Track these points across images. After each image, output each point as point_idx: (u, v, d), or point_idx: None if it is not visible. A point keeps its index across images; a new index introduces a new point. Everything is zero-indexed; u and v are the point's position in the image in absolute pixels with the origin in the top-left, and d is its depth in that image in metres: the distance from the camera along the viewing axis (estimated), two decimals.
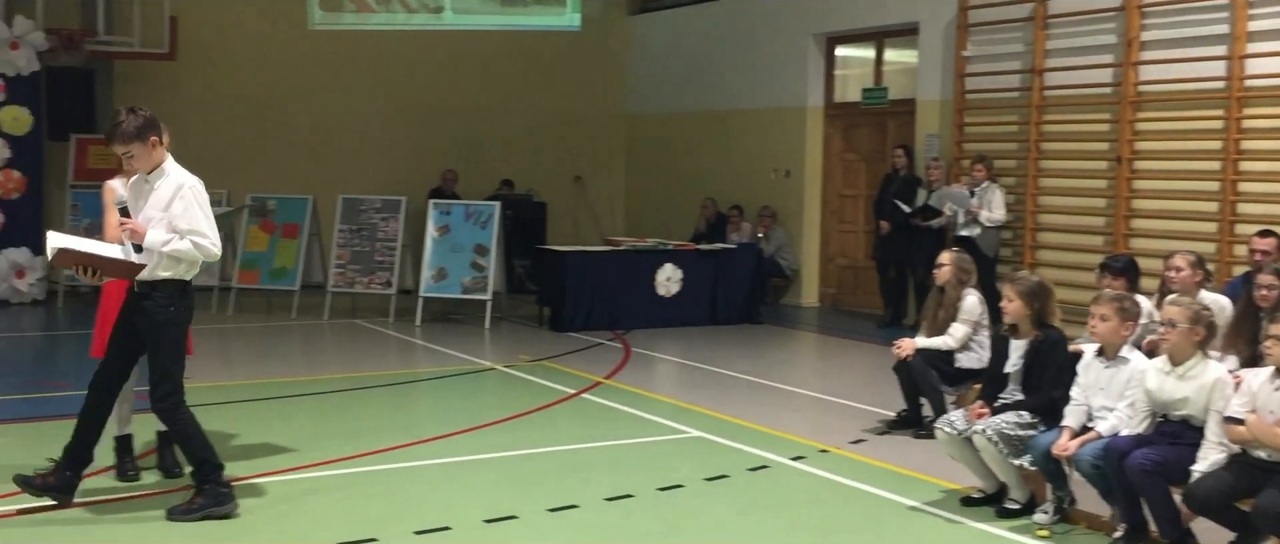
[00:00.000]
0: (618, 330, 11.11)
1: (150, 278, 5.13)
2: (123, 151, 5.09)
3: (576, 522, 5.27)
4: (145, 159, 5.12)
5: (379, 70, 14.75)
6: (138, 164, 5.12)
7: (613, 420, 7.41)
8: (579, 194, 16.26)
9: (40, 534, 4.95)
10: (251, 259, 12.04)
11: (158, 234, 5.09)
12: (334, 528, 5.05)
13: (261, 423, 7.01)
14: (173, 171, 5.21)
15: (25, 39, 11.80)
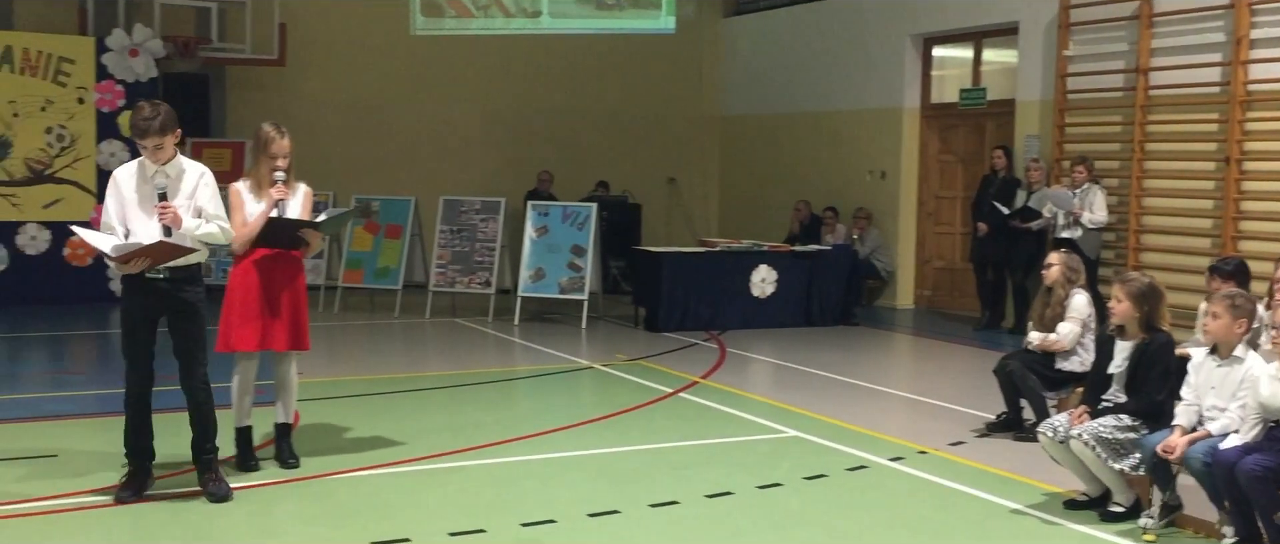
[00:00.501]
0: (712, 331, 11.19)
1: (184, 263, 5.31)
2: (155, 144, 5.21)
3: (678, 518, 5.35)
4: (169, 151, 5.29)
5: (478, 73, 15.03)
6: (163, 156, 5.27)
7: (710, 419, 7.48)
8: (673, 196, 16.37)
9: (157, 522, 5.18)
10: (356, 258, 12.38)
11: (190, 220, 5.30)
12: (441, 519, 5.21)
13: (367, 418, 7.22)
14: (186, 162, 5.41)
15: (144, 46, 12.29)
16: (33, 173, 11.99)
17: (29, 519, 5.11)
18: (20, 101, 11.89)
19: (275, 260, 5.85)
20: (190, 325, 5.40)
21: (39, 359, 9.59)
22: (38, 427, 6.84)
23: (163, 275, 5.30)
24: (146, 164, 5.30)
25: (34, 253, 11.99)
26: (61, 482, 5.61)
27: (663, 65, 16.00)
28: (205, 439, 5.49)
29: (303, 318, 5.95)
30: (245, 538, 4.97)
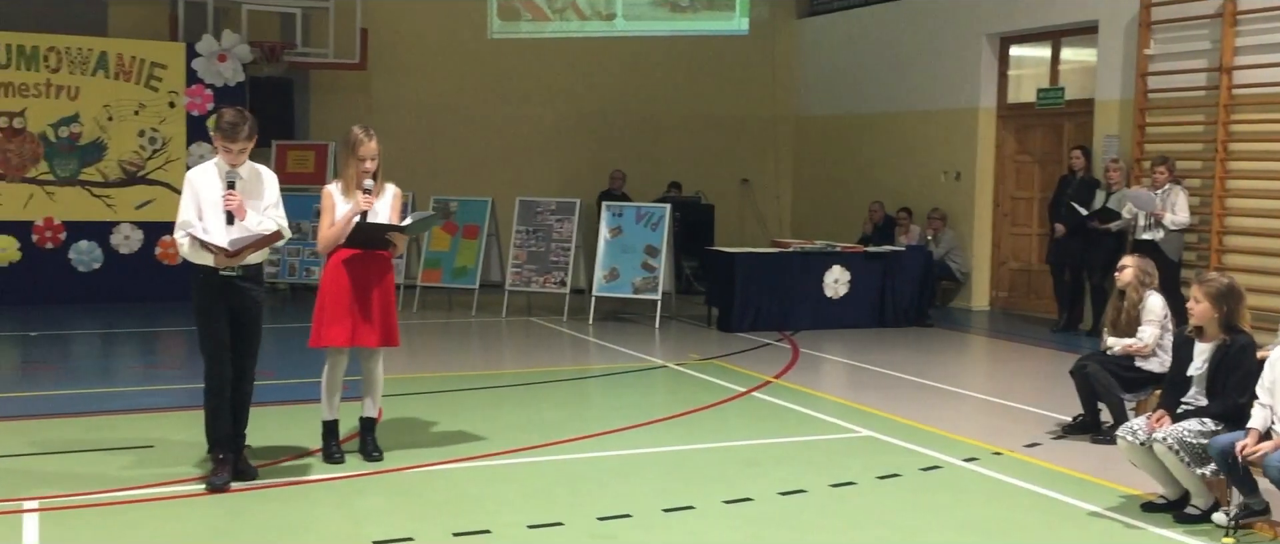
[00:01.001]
0: (785, 331, 11.22)
1: (251, 262, 5.58)
2: (239, 148, 5.50)
3: (752, 514, 5.42)
4: (247, 154, 5.58)
5: (553, 76, 15.22)
6: (241, 158, 5.56)
7: (783, 418, 7.54)
8: (746, 196, 16.41)
9: (248, 509, 5.38)
10: (434, 258, 12.62)
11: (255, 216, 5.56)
12: (519, 512, 5.33)
13: (446, 413, 7.39)
14: (257, 166, 5.70)
15: (232, 52, 12.67)
16: (126, 174, 12.42)
17: (131, 506, 5.34)
18: (114, 105, 12.33)
19: (365, 260, 6.04)
20: (253, 321, 5.68)
21: (133, 354, 9.95)
22: (134, 418, 7.12)
23: (236, 272, 5.55)
24: (221, 165, 5.56)
25: (127, 252, 12.43)
26: (158, 470, 5.85)
27: (736, 66, 16.05)
28: (240, 426, 5.77)
29: (392, 315, 6.13)
30: (333, 528, 5.14)
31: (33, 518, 5.07)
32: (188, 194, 5.58)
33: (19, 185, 12.02)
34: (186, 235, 5.48)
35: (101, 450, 6.27)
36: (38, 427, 6.86)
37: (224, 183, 5.54)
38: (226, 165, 5.54)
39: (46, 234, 12.14)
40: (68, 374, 8.85)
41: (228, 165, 5.54)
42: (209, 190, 5.56)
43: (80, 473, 5.83)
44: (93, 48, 12.25)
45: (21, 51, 11.99)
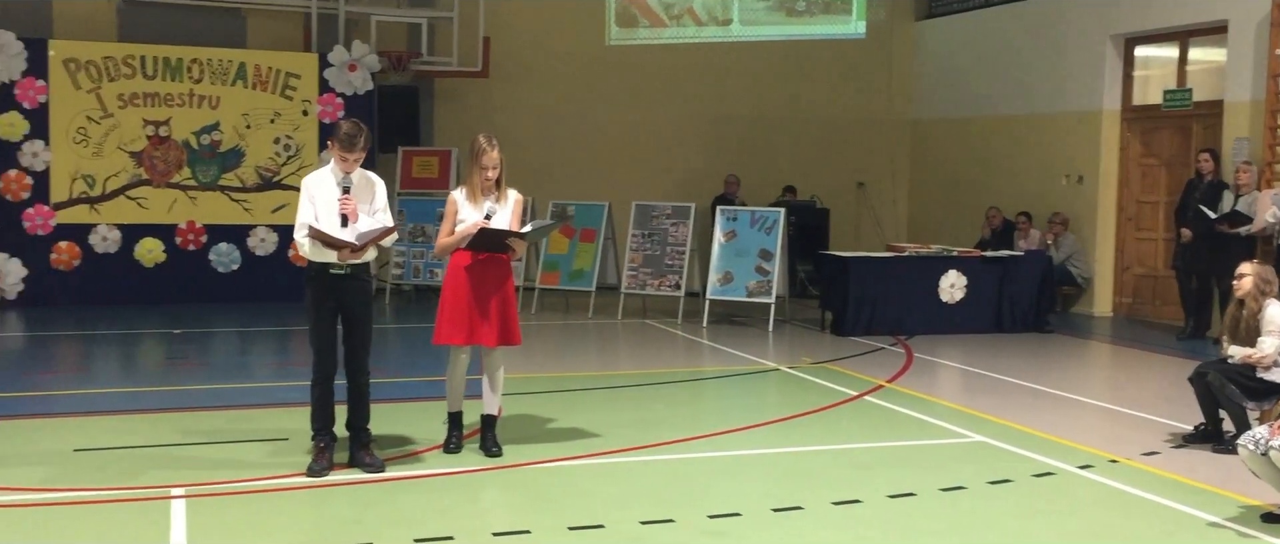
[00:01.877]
0: (900, 336, 11.19)
1: (363, 261, 5.92)
2: (355, 157, 5.88)
3: (860, 515, 5.50)
4: (360, 162, 5.94)
5: (669, 81, 15.41)
6: (355, 166, 5.92)
7: (894, 422, 7.57)
8: (862, 200, 16.35)
9: (370, 500, 5.66)
10: (552, 261, 12.92)
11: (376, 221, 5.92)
12: (632, 508, 5.50)
13: (563, 412, 7.62)
14: (366, 172, 6.03)
15: (362, 62, 13.17)
16: (262, 179, 13.02)
17: (269, 495, 5.67)
18: (252, 114, 12.94)
19: (485, 262, 6.29)
20: (363, 317, 6.01)
21: (268, 351, 10.44)
22: (270, 412, 7.52)
23: (346, 270, 5.87)
24: (335, 171, 5.89)
25: (263, 254, 13.03)
26: (293, 460, 6.18)
27: (852, 70, 16.02)
28: (363, 420, 6.06)
29: (511, 316, 6.37)
30: (453, 519, 5.38)
31: (180, 503, 5.43)
32: (305, 198, 5.94)
33: (164, 190, 12.71)
34: (307, 236, 5.81)
35: (240, 441, 6.66)
36: (182, 418, 7.30)
37: (339, 188, 5.87)
38: (340, 172, 5.87)
39: (189, 236, 12.80)
40: (208, 369, 9.35)
41: (342, 172, 5.88)
42: (324, 195, 5.90)
43: (221, 461, 6.21)
44: (232, 59, 12.88)
45: (167, 63, 12.67)
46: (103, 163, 12.48)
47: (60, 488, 5.62)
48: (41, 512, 5.30)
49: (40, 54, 12.23)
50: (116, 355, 9.94)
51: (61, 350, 10.24)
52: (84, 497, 5.50)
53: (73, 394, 8.28)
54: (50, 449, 6.43)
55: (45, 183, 12.32)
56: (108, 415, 7.41)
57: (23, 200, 12.27)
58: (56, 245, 12.39)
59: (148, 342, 10.56)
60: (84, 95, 12.40)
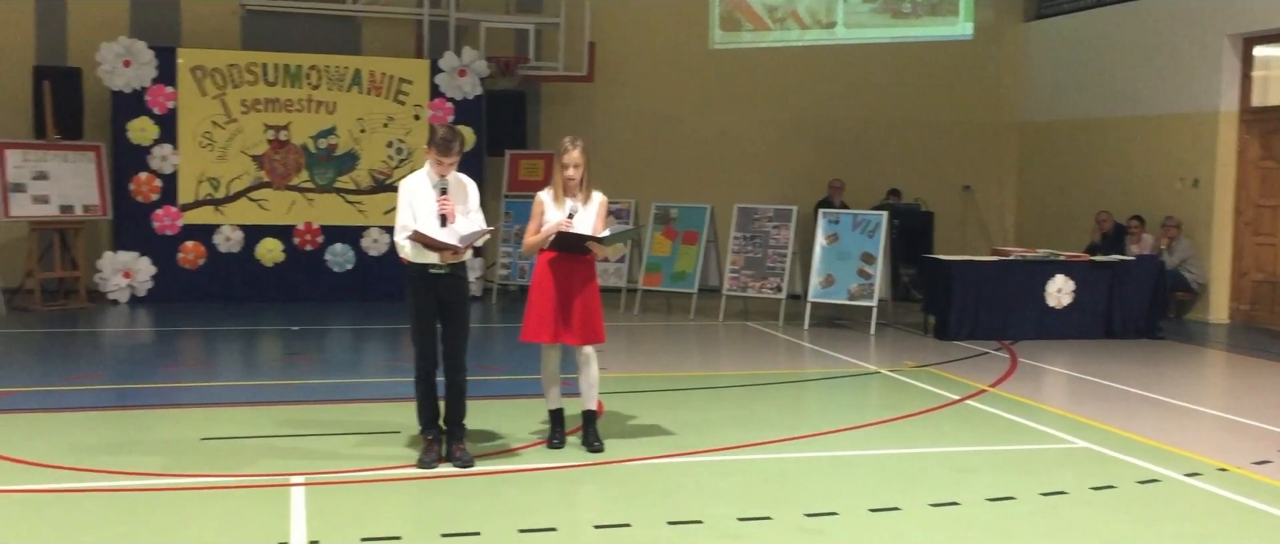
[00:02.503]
0: (1005, 340, 11.07)
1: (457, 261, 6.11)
2: (450, 162, 6.08)
3: (958, 517, 5.51)
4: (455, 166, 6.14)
5: (773, 85, 15.46)
6: (451, 170, 6.13)
7: (996, 427, 7.53)
8: (968, 203, 16.17)
9: (473, 492, 5.86)
10: (655, 263, 13.08)
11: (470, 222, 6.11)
12: (730, 505, 5.60)
13: (664, 410, 7.75)
14: (460, 175, 6.21)
15: (471, 67, 13.51)
16: (376, 182, 13.44)
17: (381, 485, 5.92)
18: (366, 119, 13.37)
19: (569, 262, 6.46)
20: (460, 314, 6.21)
21: (379, 348, 10.79)
22: (382, 406, 7.80)
23: (445, 270, 6.08)
24: (431, 174, 6.12)
25: (376, 254, 13.45)
26: (403, 452, 6.43)
27: (959, 72, 15.86)
28: (458, 415, 6.26)
29: (594, 315, 6.49)
30: (555, 512, 5.55)
31: (300, 490, 5.70)
32: (404, 201, 6.16)
33: (283, 193, 13.21)
34: (409, 239, 6.04)
35: (354, 434, 6.94)
36: (299, 411, 7.62)
37: (436, 191, 6.08)
38: (436, 176, 6.09)
39: (306, 237, 13.28)
40: (324, 365, 9.73)
41: (438, 176, 6.09)
42: (422, 197, 6.12)
43: (337, 452, 6.49)
44: (348, 66, 13.33)
45: (287, 70, 13.17)
46: (226, 166, 13.04)
47: (189, 474, 5.94)
48: (171, 496, 5.62)
49: (169, 62, 12.83)
50: (238, 351, 10.38)
51: (187, 345, 10.74)
52: (211, 482, 5.82)
53: (198, 387, 8.70)
54: (178, 438, 6.79)
55: (173, 185, 12.91)
56: (230, 407, 7.78)
57: (152, 202, 12.87)
58: (183, 245, 12.98)
59: (267, 338, 11.01)
60: (209, 101, 12.97)
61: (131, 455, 6.31)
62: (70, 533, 4.96)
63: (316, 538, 4.97)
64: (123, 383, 8.76)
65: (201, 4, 13.73)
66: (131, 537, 4.94)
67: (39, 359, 9.60)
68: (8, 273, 12.40)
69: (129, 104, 12.73)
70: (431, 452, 6.19)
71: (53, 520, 5.16)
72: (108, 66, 12.60)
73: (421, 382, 6.23)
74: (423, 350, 6.20)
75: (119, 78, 12.66)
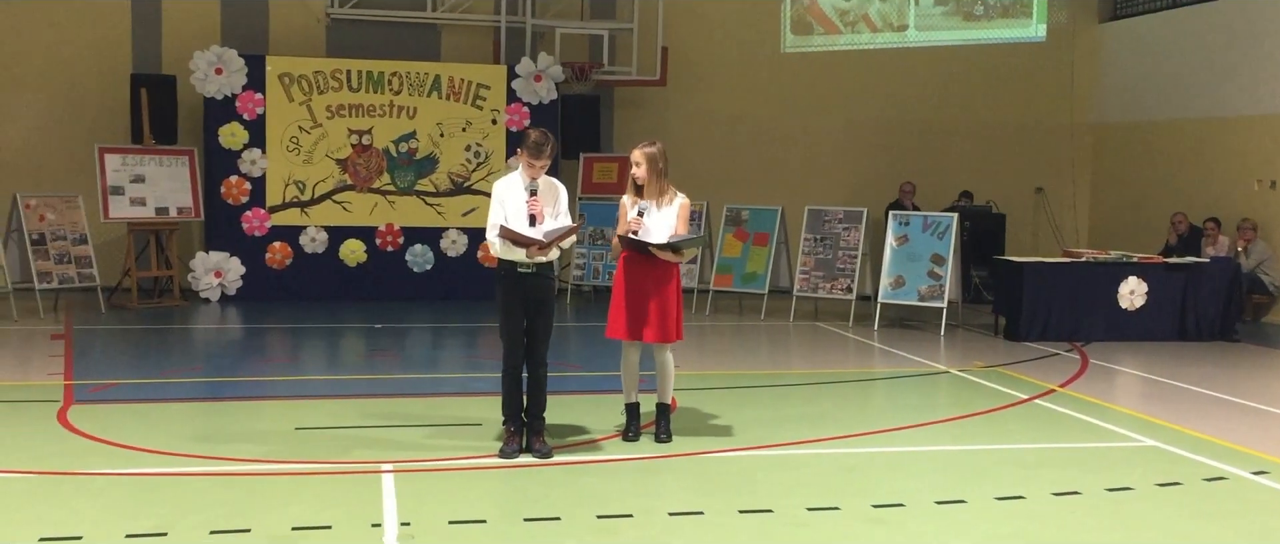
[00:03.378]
0: (1075, 342, 11.10)
1: (546, 259, 6.39)
2: (542, 164, 6.37)
3: (1022, 511, 5.65)
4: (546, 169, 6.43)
5: (844, 87, 15.58)
6: (541, 172, 6.41)
7: (1064, 425, 7.63)
8: (1041, 206, 16.14)
9: (554, 481, 6.13)
10: (726, 264, 13.29)
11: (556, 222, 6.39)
12: (798, 496, 5.80)
13: (734, 406, 7.96)
14: (549, 177, 6.48)
15: (547, 72, 13.85)
16: (454, 185, 13.83)
17: (465, 473, 6.22)
18: (445, 123, 13.76)
19: (647, 263, 6.71)
20: (544, 311, 6.49)
21: (459, 345, 11.15)
22: (462, 400, 8.13)
23: (532, 269, 6.35)
24: (523, 176, 6.39)
25: (454, 255, 13.84)
26: (484, 444, 6.72)
27: (1031, 74, 15.84)
28: (538, 408, 6.53)
29: (671, 313, 6.73)
30: (631, 499, 5.79)
31: (389, 477, 6.02)
32: (496, 202, 6.47)
33: (366, 195, 13.65)
34: (498, 235, 6.33)
35: (438, 425, 7.26)
36: (385, 404, 7.97)
37: (526, 192, 6.36)
38: (527, 177, 6.37)
39: (388, 238, 13.71)
40: (406, 361, 10.09)
41: (529, 178, 6.37)
42: (513, 198, 6.41)
43: (422, 443, 6.80)
44: (428, 72, 13.74)
45: (370, 76, 13.61)
46: (312, 169, 13.51)
47: (286, 460, 6.30)
48: (272, 480, 5.97)
49: (258, 69, 13.33)
50: (324, 347, 10.80)
51: (275, 341, 11.19)
52: (307, 469, 6.16)
53: (288, 380, 9.11)
54: (272, 428, 7.16)
55: (262, 188, 13.41)
56: (319, 399, 8.16)
57: (242, 204, 13.39)
58: (271, 245, 13.48)
59: (351, 335, 11.42)
60: (296, 107, 13.45)
61: (231, 443, 6.69)
62: (181, 512, 5.32)
63: (407, 519, 5.27)
64: (217, 376, 9.20)
65: (289, 13, 14.24)
66: (237, 516, 5.28)
67: (138, 354, 10.09)
68: (107, 272, 12.98)
69: (220, 110, 13.26)
70: (513, 442, 6.47)
71: (165, 500, 5.53)
72: (200, 74, 13.15)
73: (508, 375, 6.51)
74: (510, 345, 6.48)
75: (211, 85, 13.19)
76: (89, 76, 13.68)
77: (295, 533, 5.07)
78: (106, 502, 5.49)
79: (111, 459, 6.27)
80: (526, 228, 6.35)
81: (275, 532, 5.08)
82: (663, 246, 6.65)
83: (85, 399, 7.81)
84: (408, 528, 5.15)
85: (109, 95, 13.59)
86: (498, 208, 6.43)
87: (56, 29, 13.63)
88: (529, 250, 6.33)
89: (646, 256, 6.70)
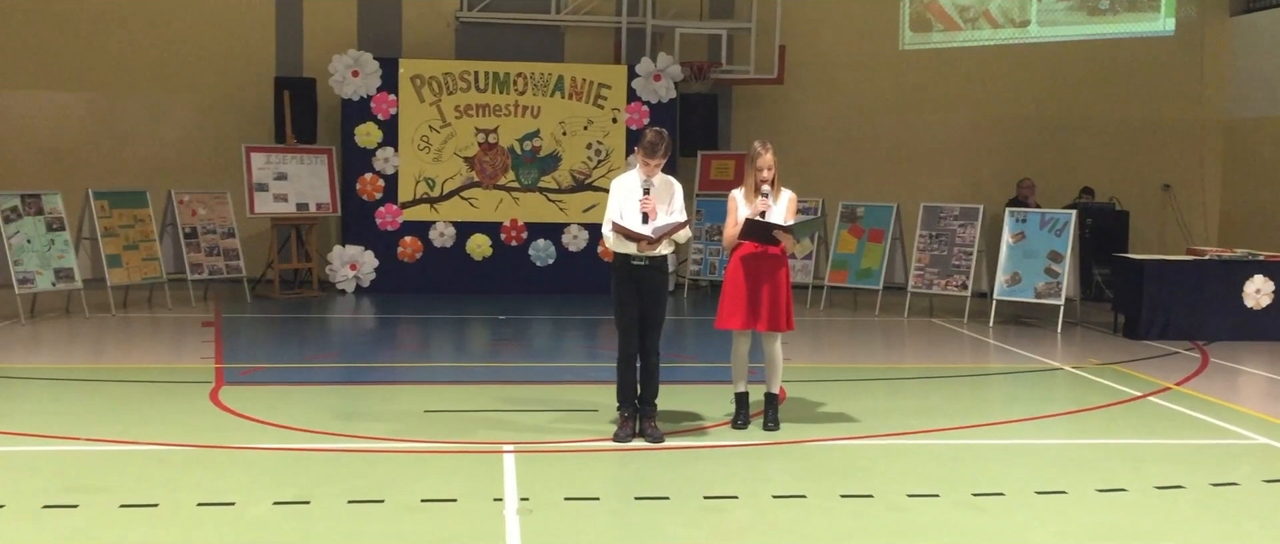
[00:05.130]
0: (1197, 341, 10.95)
1: (659, 253, 6.69)
2: (657, 163, 6.66)
3: (1123, 502, 5.75)
4: (661, 167, 6.69)
5: (962, 84, 15.52)
6: (657, 171, 6.70)
7: (1175, 422, 7.62)
8: (1167, 203, 15.82)
9: (662, 464, 6.44)
10: (841, 260, 13.42)
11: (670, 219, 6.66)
12: (901, 482, 6.00)
13: (844, 398, 8.17)
14: (665, 176, 6.75)
15: (666, 72, 14.18)
16: (576, 182, 14.27)
17: (582, 454, 6.59)
18: (568, 122, 14.21)
19: (760, 256, 6.96)
20: (657, 303, 6.79)
21: (578, 336, 11.56)
22: (580, 387, 8.51)
23: (645, 262, 6.64)
24: (639, 174, 6.69)
25: (575, 250, 14.29)
26: (601, 428, 7.07)
27: (1157, 68, 15.54)
28: (651, 394, 6.83)
29: (783, 303, 6.99)
30: (737, 482, 6.05)
31: (510, 456, 6.41)
32: (613, 198, 6.82)
33: (492, 192, 14.19)
34: (611, 229, 6.66)
35: (556, 410, 7.65)
36: (507, 390, 8.41)
37: (641, 189, 6.69)
38: (643, 176, 6.69)
39: (512, 233, 14.23)
40: (528, 350, 10.54)
41: (644, 176, 6.68)
42: (629, 195, 6.75)
43: (542, 426, 7.20)
44: (552, 72, 14.20)
45: (495, 77, 14.14)
46: (441, 167, 14.10)
47: (416, 439, 6.76)
48: (404, 456, 6.43)
49: (392, 72, 13.98)
50: (451, 336, 11.33)
51: (406, 331, 11.77)
52: (435, 447, 6.61)
53: (418, 366, 9.64)
54: (403, 409, 7.65)
55: (394, 185, 14.06)
56: (447, 385, 8.65)
57: (376, 200, 14.06)
58: (402, 240, 14.12)
59: (477, 325, 11.93)
60: (426, 107, 14.06)
61: (367, 422, 7.19)
62: (322, 483, 5.80)
63: (526, 495, 5.65)
64: (353, 362, 9.79)
65: (420, 17, 14.87)
66: (372, 488, 5.74)
67: (280, 340, 10.77)
68: (251, 264, 13.78)
69: (356, 110, 13.95)
70: (626, 427, 6.81)
71: (307, 472, 6.02)
72: (338, 77, 13.85)
73: (623, 363, 6.85)
74: (624, 335, 6.81)
75: (348, 87, 13.88)
76: (236, 80, 14.51)
77: (424, 505, 5.49)
78: (255, 472, 6.01)
79: (259, 435, 6.81)
80: (639, 225, 6.67)
81: (406, 503, 5.51)
82: (787, 228, 6.92)
83: (234, 381, 8.43)
84: (526, 503, 5.52)
85: (254, 97, 14.40)
86: (614, 204, 6.77)
87: (207, 36, 14.50)
88: (639, 244, 6.66)
89: (761, 249, 6.95)
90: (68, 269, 11.58)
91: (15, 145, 14.25)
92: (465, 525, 5.23)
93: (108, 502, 5.42)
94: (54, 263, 11.47)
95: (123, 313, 11.83)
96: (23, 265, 11.16)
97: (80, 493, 5.53)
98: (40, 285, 11.30)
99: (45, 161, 14.15)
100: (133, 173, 13.91)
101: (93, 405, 7.64)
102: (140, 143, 14.51)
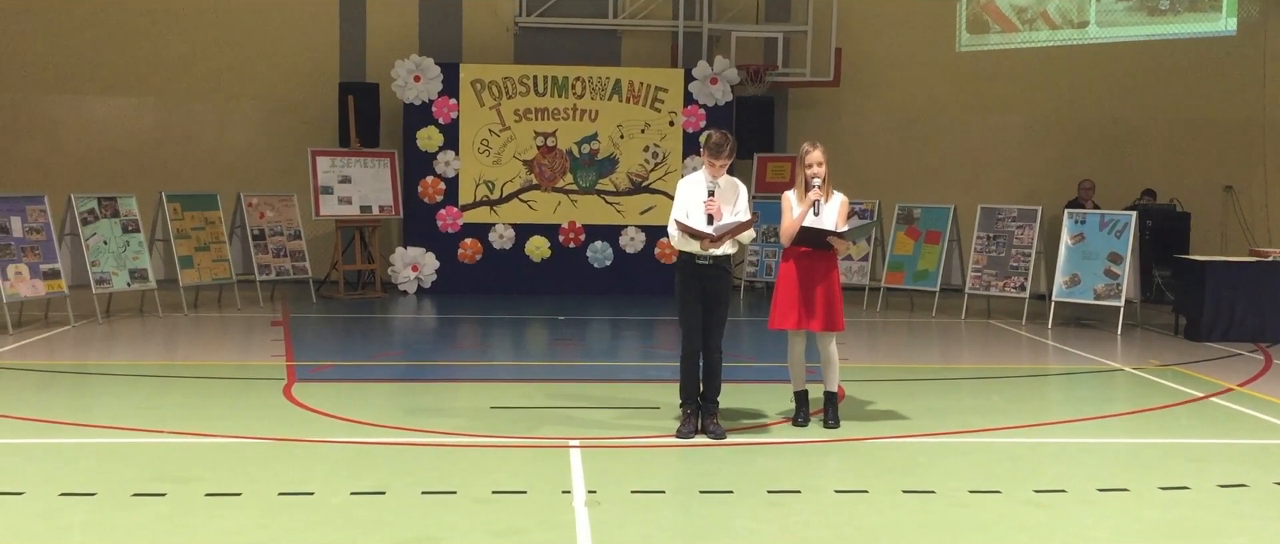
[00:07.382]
0: (1260, 343, 10.86)
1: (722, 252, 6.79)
2: (722, 164, 6.80)
3: (1185, 499, 5.77)
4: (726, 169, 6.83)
5: (1021, 85, 15.47)
6: (722, 172, 6.83)
7: (1239, 422, 7.61)
8: (1229, 204, 15.66)
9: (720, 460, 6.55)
10: (898, 261, 13.45)
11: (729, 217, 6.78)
12: (962, 479, 6.06)
13: (902, 398, 8.22)
14: (731, 177, 6.88)
15: (722, 75, 14.30)
16: (633, 184, 14.43)
17: (644, 450, 6.72)
18: (625, 125, 14.37)
19: (812, 257, 7.06)
20: (720, 302, 6.91)
21: (636, 336, 11.70)
22: (640, 386, 8.64)
23: (708, 261, 6.77)
24: (704, 175, 6.80)
25: (632, 252, 14.44)
26: (661, 424, 7.20)
27: (1219, 68, 15.39)
28: (713, 392, 6.95)
29: (835, 303, 7.07)
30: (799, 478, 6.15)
31: (576, 452, 6.56)
32: (679, 198, 6.96)
33: (550, 194, 14.39)
34: (677, 228, 6.80)
35: (618, 408, 7.80)
36: (568, 387, 8.58)
37: (706, 190, 6.81)
38: (709, 176, 6.81)
39: (570, 235, 14.42)
40: (588, 350, 10.70)
41: (710, 176, 6.81)
42: (694, 195, 6.88)
43: (606, 423, 7.35)
44: (609, 76, 14.38)
45: (554, 81, 14.34)
46: (501, 170, 14.33)
47: (484, 434, 6.93)
48: (473, 450, 6.60)
49: (452, 77, 14.23)
50: (512, 335, 11.53)
51: (468, 330, 11.99)
52: (503, 442, 6.78)
53: (481, 364, 9.84)
54: (469, 405, 7.84)
55: (454, 188, 14.31)
56: (511, 383, 8.82)
57: (437, 203, 14.31)
58: (463, 242, 14.36)
59: (537, 325, 12.12)
60: (486, 111, 14.29)
61: (436, 418, 7.38)
62: (396, 475, 5.99)
63: (593, 488, 5.80)
64: (418, 360, 10.01)
65: (480, 22, 15.11)
66: (444, 480, 5.91)
67: (347, 339, 11.03)
68: (316, 265, 14.09)
69: (418, 115, 14.22)
70: (688, 423, 6.94)
71: (381, 465, 6.22)
72: (401, 82, 14.13)
73: (686, 360, 6.97)
74: (688, 332, 6.93)
75: (410, 92, 14.16)
76: (302, 85, 14.84)
77: (495, 496, 5.65)
78: (332, 465, 6.22)
79: (333, 429, 7.03)
80: (704, 224, 6.80)
81: (477, 494, 5.67)
82: (842, 234, 7.00)
83: (306, 377, 8.67)
84: (594, 496, 5.67)
85: (319, 102, 14.72)
86: (680, 204, 6.91)
87: (273, 43, 14.86)
88: (702, 243, 6.78)
89: (813, 250, 7.05)
90: (142, 270, 11.94)
91: (91, 148, 14.70)
92: (536, 516, 5.38)
93: (194, 491, 5.64)
94: (129, 264, 11.83)
95: (194, 313, 12.16)
96: (100, 266, 11.53)
97: (167, 482, 5.77)
98: (116, 286, 11.66)
99: (119, 164, 14.58)
100: (202, 176, 14.28)
101: (172, 400, 7.91)
102: (209, 146, 14.90)
